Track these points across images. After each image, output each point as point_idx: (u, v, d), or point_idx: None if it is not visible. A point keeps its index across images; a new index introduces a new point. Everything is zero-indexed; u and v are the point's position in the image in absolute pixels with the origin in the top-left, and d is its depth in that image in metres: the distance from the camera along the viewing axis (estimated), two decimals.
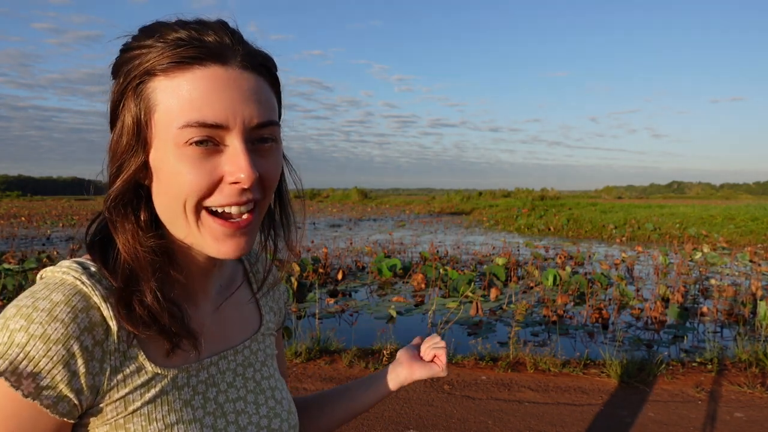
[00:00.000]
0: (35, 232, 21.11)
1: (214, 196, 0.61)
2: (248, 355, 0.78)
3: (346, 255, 12.96)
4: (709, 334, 6.26)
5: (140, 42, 0.61)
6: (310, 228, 23.61)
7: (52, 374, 0.55)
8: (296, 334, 5.72)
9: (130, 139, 0.61)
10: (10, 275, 8.75)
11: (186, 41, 0.59)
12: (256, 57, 0.63)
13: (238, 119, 0.60)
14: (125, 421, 0.61)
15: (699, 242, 17.65)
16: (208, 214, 0.62)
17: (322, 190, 79.04)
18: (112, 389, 0.60)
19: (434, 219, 31.05)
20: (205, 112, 0.58)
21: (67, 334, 0.56)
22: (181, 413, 0.65)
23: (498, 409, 3.95)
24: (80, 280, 0.60)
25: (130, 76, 0.61)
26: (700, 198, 74.45)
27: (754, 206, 29.53)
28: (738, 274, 10.61)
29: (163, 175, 0.61)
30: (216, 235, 0.63)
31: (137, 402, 0.61)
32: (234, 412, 0.72)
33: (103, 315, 0.59)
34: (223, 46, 0.60)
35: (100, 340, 0.59)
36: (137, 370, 0.62)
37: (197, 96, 0.58)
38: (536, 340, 6.19)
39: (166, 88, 0.59)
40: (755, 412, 3.89)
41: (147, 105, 0.60)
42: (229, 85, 0.60)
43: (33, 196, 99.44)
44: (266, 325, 0.85)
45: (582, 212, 28.56)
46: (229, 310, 0.78)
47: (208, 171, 0.60)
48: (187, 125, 0.58)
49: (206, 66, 0.59)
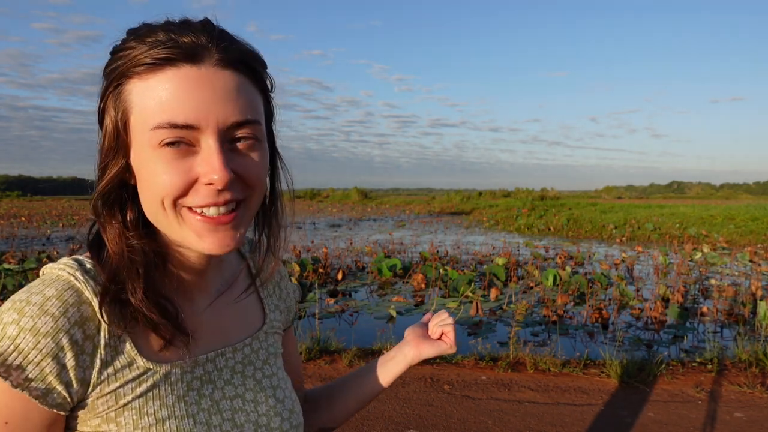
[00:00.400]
0: (35, 232, 21.11)
1: (190, 196, 0.61)
2: (248, 353, 0.78)
3: (346, 255, 12.96)
4: (709, 334, 6.25)
5: (124, 44, 0.62)
6: (310, 228, 23.61)
7: (41, 366, 0.56)
8: (296, 334, 5.72)
9: (111, 140, 0.62)
10: (10, 275, 8.75)
11: (161, 42, 0.59)
12: (235, 54, 0.62)
13: (211, 119, 0.59)
14: (116, 414, 0.61)
15: (699, 242, 17.65)
16: (188, 210, 0.62)
17: (322, 190, 79.03)
18: (103, 383, 0.61)
19: (434, 219, 31.05)
20: (176, 113, 0.58)
21: (57, 327, 0.57)
22: (173, 408, 0.65)
23: (498, 409, 3.95)
24: (74, 276, 0.61)
25: (110, 79, 0.62)
26: (700, 198, 74.49)
27: (754, 206, 29.53)
28: (738, 274, 10.61)
29: (143, 176, 0.62)
30: (197, 230, 0.63)
31: (128, 396, 0.62)
32: (231, 409, 0.72)
33: (94, 310, 0.61)
34: (198, 46, 0.60)
35: (91, 335, 0.60)
36: (128, 364, 0.62)
37: (168, 97, 0.58)
38: (536, 340, 6.19)
39: (140, 91, 0.59)
40: (755, 412, 3.89)
41: (124, 107, 0.61)
42: (201, 85, 0.59)
43: (33, 196, 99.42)
44: (270, 323, 0.84)
45: (582, 212, 28.54)
46: (230, 309, 0.78)
47: (183, 171, 0.60)
48: (159, 126, 0.58)
49: (178, 67, 0.59)
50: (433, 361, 4.98)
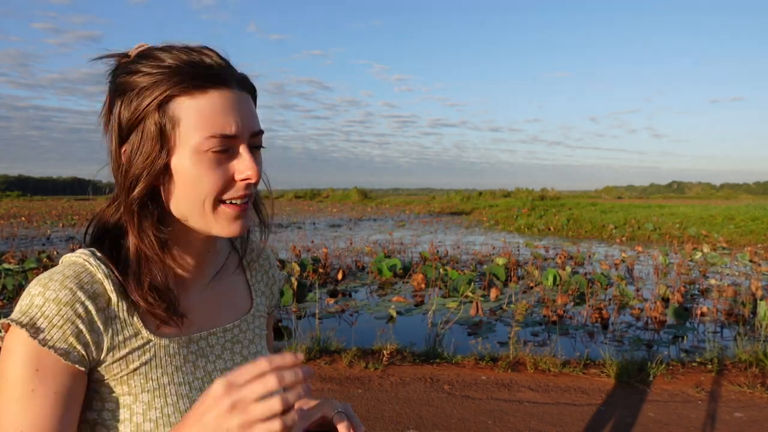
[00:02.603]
0: (35, 232, 21.11)
1: (227, 191, 0.75)
2: (237, 333, 0.89)
3: (346, 255, 12.96)
4: (709, 334, 6.25)
5: (151, 64, 0.72)
6: (310, 228, 23.62)
7: (63, 329, 0.69)
8: (296, 334, 5.73)
9: (153, 146, 0.72)
10: (10, 275, 8.75)
11: (206, 66, 0.73)
12: (242, 78, 0.77)
13: (246, 130, 0.75)
14: (128, 377, 0.74)
15: (699, 242, 17.66)
16: (222, 204, 0.76)
17: (322, 190, 79.01)
18: (115, 348, 0.73)
19: (434, 219, 31.05)
20: (224, 126, 0.73)
21: (75, 298, 0.70)
22: (172, 376, 0.78)
23: (498, 409, 3.95)
24: (88, 262, 0.74)
25: (153, 95, 0.72)
26: (700, 198, 74.46)
27: (754, 206, 29.52)
28: (738, 274, 10.61)
29: (183, 177, 0.73)
30: (229, 218, 0.76)
31: (136, 362, 0.74)
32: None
33: (105, 288, 0.73)
34: (224, 71, 0.74)
35: (103, 307, 0.72)
36: (135, 334, 0.75)
37: (217, 113, 0.72)
38: (536, 340, 6.19)
39: (189, 106, 0.72)
40: (755, 412, 3.89)
41: (171, 119, 0.72)
42: (237, 103, 0.74)
43: (33, 196, 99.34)
44: (256, 307, 0.95)
45: (582, 212, 28.54)
46: (222, 293, 0.90)
47: (223, 172, 0.74)
48: (212, 136, 0.72)
49: (217, 89, 0.73)
50: (433, 360, 4.98)
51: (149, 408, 0.74)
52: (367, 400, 4.09)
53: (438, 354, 5.12)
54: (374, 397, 4.15)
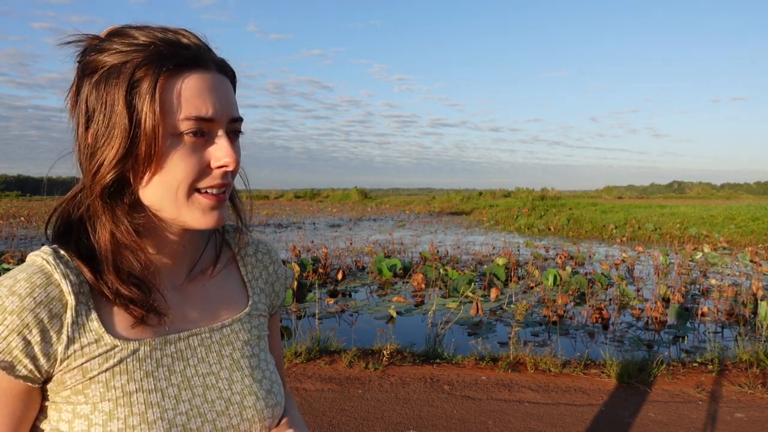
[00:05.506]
0: (35, 232, 21.09)
1: (201, 179, 0.70)
2: (228, 334, 0.81)
3: (346, 255, 12.95)
4: (710, 335, 6.24)
5: (123, 41, 0.68)
6: (310, 228, 23.60)
7: (8, 341, 0.62)
8: (296, 334, 5.71)
9: (124, 129, 0.66)
10: None
11: (183, 47, 0.69)
12: (225, 63, 0.74)
13: (224, 115, 0.70)
14: (83, 387, 0.67)
15: (699, 242, 17.64)
16: (197, 192, 0.71)
17: (322, 190, 78.93)
18: (69, 357, 0.66)
19: (434, 219, 31.04)
20: (201, 108, 0.68)
21: (22, 306, 0.63)
22: (141, 383, 0.70)
23: (498, 410, 3.94)
24: (47, 261, 0.68)
25: (124, 74, 0.66)
26: (701, 198, 74.36)
27: (755, 206, 29.48)
28: (739, 274, 10.60)
29: (154, 163, 0.67)
30: (204, 208, 0.71)
31: (94, 371, 0.68)
32: (202, 385, 0.76)
33: (62, 290, 0.67)
34: (203, 53, 0.70)
35: (57, 313, 0.66)
36: (95, 341, 0.68)
37: (193, 95, 0.68)
38: (536, 340, 6.18)
39: (162, 87, 0.67)
40: (756, 413, 3.88)
41: (143, 100, 0.66)
42: (214, 86, 0.70)
43: (32, 196, 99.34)
44: (254, 305, 0.87)
45: (582, 212, 28.53)
46: (209, 291, 0.83)
47: (199, 158, 0.69)
48: (187, 118, 0.67)
49: (195, 71, 0.69)
50: (433, 361, 4.97)
51: (110, 418, 0.67)
52: (367, 400, 4.08)
53: (438, 354, 5.11)
54: (374, 397, 4.14)
